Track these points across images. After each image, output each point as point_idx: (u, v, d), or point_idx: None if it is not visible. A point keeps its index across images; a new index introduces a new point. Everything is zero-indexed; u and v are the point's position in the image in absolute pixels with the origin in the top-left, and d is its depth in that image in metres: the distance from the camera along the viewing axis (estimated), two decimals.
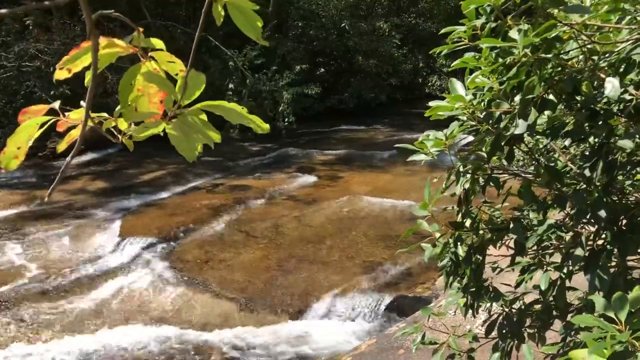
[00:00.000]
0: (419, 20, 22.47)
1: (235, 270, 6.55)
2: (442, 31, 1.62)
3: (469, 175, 1.64)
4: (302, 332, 5.37)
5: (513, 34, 1.30)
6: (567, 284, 1.64)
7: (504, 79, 1.36)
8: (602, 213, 1.30)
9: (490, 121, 1.46)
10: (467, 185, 1.66)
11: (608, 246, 1.37)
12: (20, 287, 6.36)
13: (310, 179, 10.78)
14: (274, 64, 15.34)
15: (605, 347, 1.00)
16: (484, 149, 1.61)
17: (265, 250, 7.07)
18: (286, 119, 14.60)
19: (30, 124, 0.76)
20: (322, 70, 17.93)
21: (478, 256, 1.71)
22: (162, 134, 0.82)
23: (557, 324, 1.78)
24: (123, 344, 5.24)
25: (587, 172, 1.40)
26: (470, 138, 1.60)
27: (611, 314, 1.08)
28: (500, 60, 1.40)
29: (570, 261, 1.42)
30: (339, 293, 5.84)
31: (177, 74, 0.80)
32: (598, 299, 1.14)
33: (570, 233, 1.58)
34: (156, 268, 6.75)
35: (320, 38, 18.30)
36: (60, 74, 0.76)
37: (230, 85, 14.66)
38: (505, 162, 1.68)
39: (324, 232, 7.62)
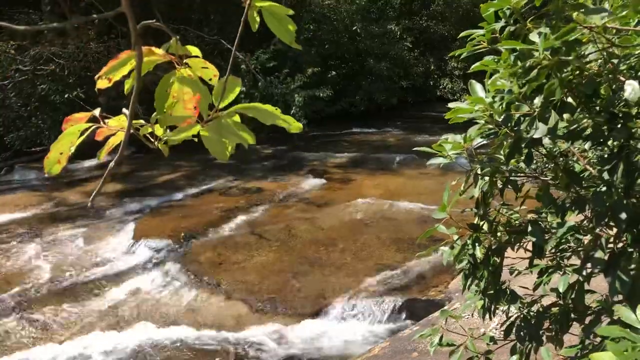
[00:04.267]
0: (430, 23, 22.45)
1: (248, 272, 6.58)
2: (461, 35, 1.63)
3: (487, 178, 1.65)
4: (315, 334, 5.38)
5: (533, 36, 1.30)
6: (586, 286, 1.64)
7: (524, 82, 1.37)
8: (623, 215, 1.30)
9: (509, 124, 1.47)
10: (485, 188, 1.66)
11: (628, 249, 1.36)
12: (36, 287, 6.44)
13: (322, 181, 10.80)
14: (285, 67, 15.39)
15: (632, 358, 0.98)
16: (502, 152, 1.62)
17: (277, 253, 7.09)
18: None
19: (72, 131, 0.78)
20: (334, 73, 17.95)
21: (496, 258, 1.71)
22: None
23: (575, 327, 1.77)
24: (137, 345, 5.28)
25: (605, 175, 1.40)
26: (482, 141, 1.61)
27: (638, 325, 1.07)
28: (520, 62, 1.41)
29: (589, 264, 1.42)
30: (352, 296, 5.84)
31: (210, 79, 0.83)
32: (631, 315, 1.13)
33: (589, 235, 1.58)
34: (170, 269, 6.81)
35: (332, 41, 18.34)
36: (102, 83, 0.79)
37: (242, 88, 14.71)
38: (523, 165, 1.69)
39: (336, 234, 7.63)
